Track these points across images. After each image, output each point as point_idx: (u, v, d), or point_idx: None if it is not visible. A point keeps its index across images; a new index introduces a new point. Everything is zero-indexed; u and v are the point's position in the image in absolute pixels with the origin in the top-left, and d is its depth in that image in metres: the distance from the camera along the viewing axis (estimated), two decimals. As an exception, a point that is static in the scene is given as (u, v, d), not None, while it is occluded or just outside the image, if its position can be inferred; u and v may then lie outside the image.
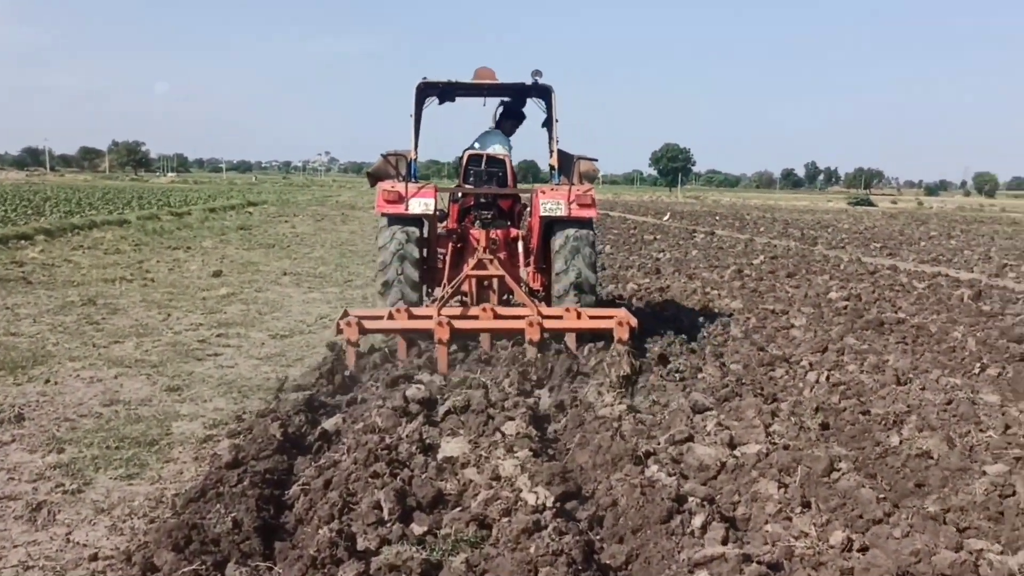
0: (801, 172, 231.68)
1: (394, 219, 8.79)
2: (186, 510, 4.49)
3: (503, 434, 5.68)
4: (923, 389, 7.11)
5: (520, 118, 10.24)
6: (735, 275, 15.64)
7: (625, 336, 7.72)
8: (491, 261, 8.50)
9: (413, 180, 9.04)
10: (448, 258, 9.17)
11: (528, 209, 9.65)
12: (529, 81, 9.15)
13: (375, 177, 9.27)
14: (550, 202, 8.73)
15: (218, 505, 4.45)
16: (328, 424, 6.07)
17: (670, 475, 4.87)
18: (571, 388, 7.10)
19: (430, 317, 7.72)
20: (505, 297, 9.10)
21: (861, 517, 4.51)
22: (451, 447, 5.53)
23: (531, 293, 8.99)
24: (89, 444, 5.63)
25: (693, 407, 6.41)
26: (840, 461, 5.25)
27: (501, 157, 9.69)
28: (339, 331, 7.61)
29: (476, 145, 9.92)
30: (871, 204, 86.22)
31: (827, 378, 7.48)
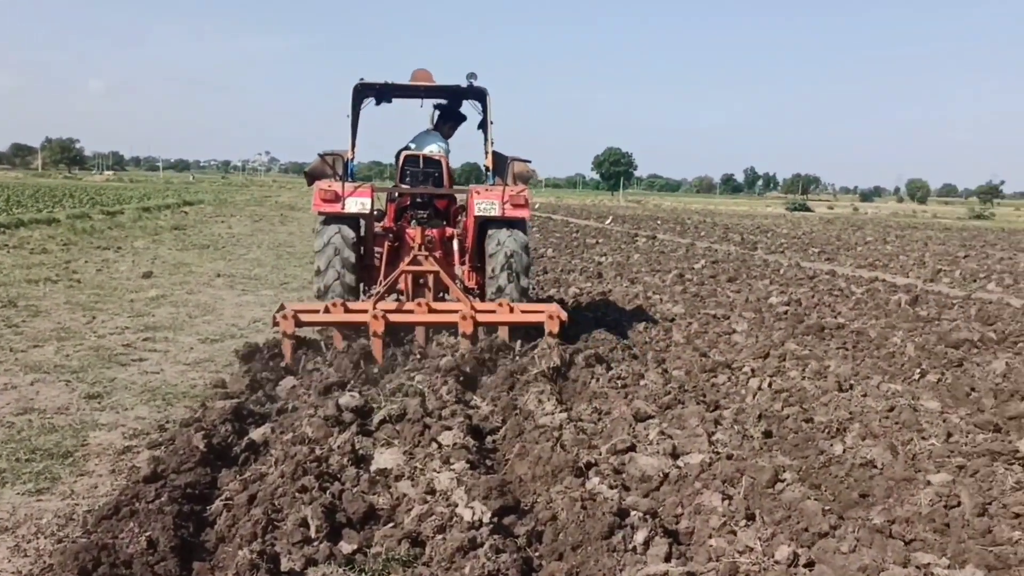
0: (740, 177, 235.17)
1: (331, 218, 8.87)
2: (97, 529, 4.19)
3: (440, 444, 5.45)
4: (864, 396, 7.07)
5: (459, 119, 10.35)
6: (677, 279, 15.62)
7: (555, 329, 8.00)
8: (426, 258, 8.70)
9: (350, 180, 9.11)
10: (385, 256, 9.33)
11: (464, 209, 9.75)
12: (464, 83, 9.27)
13: (312, 176, 9.29)
14: (484, 202, 8.89)
15: (132, 523, 4.16)
16: (256, 434, 5.78)
17: (612, 487, 4.70)
18: (510, 396, 6.90)
19: (366, 311, 7.90)
20: (441, 295, 9.18)
21: (807, 530, 4.38)
22: (385, 458, 5.29)
23: (467, 291, 9.03)
24: (-3, 457, 5.27)
25: (635, 415, 6.26)
26: (784, 471, 5.15)
27: (437, 158, 9.78)
28: (275, 324, 7.70)
29: (412, 146, 10.02)
30: (808, 209, 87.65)
31: (769, 384, 7.41)
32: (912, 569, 3.91)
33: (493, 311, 8.32)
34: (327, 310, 8.03)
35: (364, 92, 9.54)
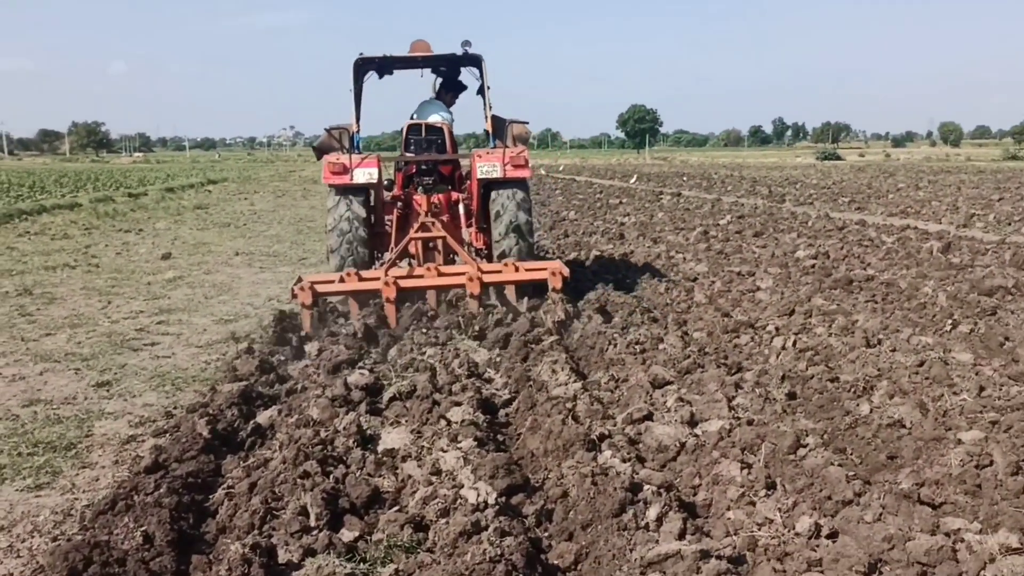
0: (769, 129, 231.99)
1: (341, 189, 9.07)
2: (94, 525, 4.07)
3: (448, 421, 5.29)
4: (894, 351, 6.79)
5: (459, 88, 10.49)
6: (701, 237, 15.30)
7: (558, 285, 8.39)
8: (433, 224, 9.04)
9: (357, 152, 9.33)
10: (394, 223, 9.55)
11: (468, 173, 9.97)
12: (460, 52, 9.47)
13: (320, 151, 9.65)
14: (486, 165, 9.09)
15: (127, 518, 4.03)
16: (262, 418, 5.65)
17: (625, 460, 4.50)
18: (524, 367, 6.71)
19: (378, 279, 8.20)
20: (451, 257, 9.46)
21: (830, 498, 4.17)
22: (392, 438, 5.14)
23: (477, 253, 9.50)
24: (-1, 451, 5.18)
25: (653, 382, 6.05)
26: (807, 435, 4.92)
27: (439, 126, 9.94)
28: (293, 296, 8.04)
29: (415, 115, 10.24)
30: (839, 158, 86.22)
31: (794, 343, 7.15)
32: (941, 536, 3.69)
33: (499, 271, 8.63)
34: (342, 280, 8.33)
35: (365, 66, 9.75)
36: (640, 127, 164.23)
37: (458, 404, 5.54)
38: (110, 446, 5.33)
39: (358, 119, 9.71)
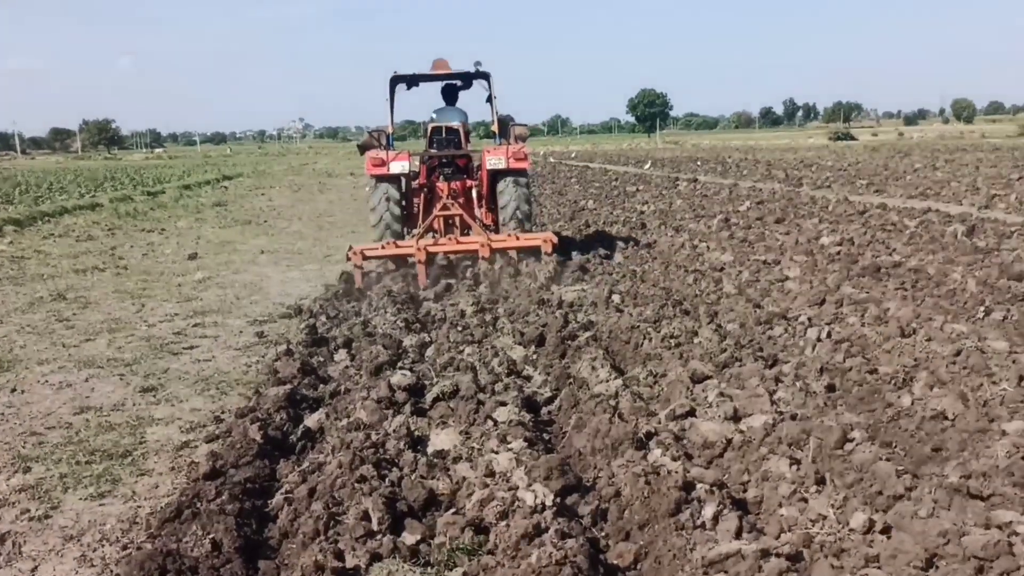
0: (779, 110, 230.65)
1: (380, 178, 11.61)
2: (161, 532, 4.18)
3: (495, 422, 5.38)
4: (929, 340, 6.83)
5: (461, 89, 13.05)
6: (722, 224, 15.32)
7: (549, 249, 10.74)
8: (453, 204, 11.77)
9: (392, 149, 11.80)
10: (421, 205, 12.22)
11: (479, 165, 12.27)
12: (473, 69, 12.16)
13: (363, 148, 12.20)
14: (494, 158, 11.60)
15: (195, 525, 4.14)
16: (311, 420, 5.75)
17: (674, 458, 4.57)
18: (563, 364, 6.80)
19: (411, 246, 10.81)
20: (466, 231, 11.87)
21: (881, 493, 4.24)
22: (441, 439, 5.24)
23: (485, 227, 11.92)
24: (57, 460, 5.29)
25: (692, 376, 6.13)
26: (852, 429, 4.98)
27: (456, 127, 12.52)
28: (348, 258, 10.69)
29: (434, 116, 12.77)
30: (852, 138, 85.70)
31: (828, 334, 7.19)
32: (995, 531, 3.75)
33: (504, 240, 11.06)
34: (383, 248, 10.85)
35: (397, 81, 12.25)
36: (650, 111, 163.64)
37: (503, 404, 5.63)
38: (165, 452, 5.44)
39: (392, 122, 12.24)
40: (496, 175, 11.75)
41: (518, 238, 11.04)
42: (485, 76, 12.28)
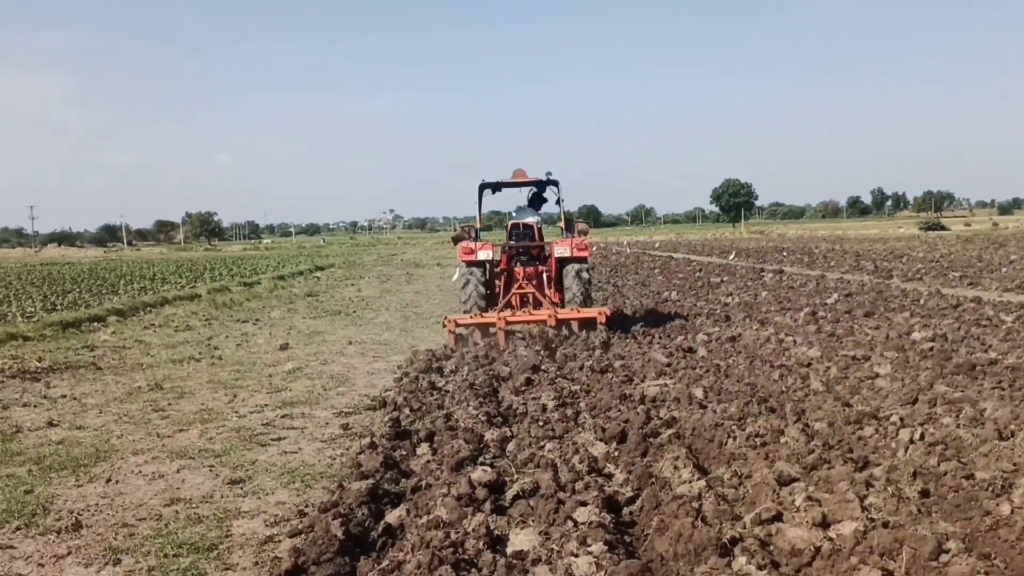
0: (868, 199, 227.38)
1: (469, 263, 14.66)
2: (244, 629, 4.24)
3: (575, 523, 5.33)
4: (1029, 444, 6.54)
5: (543, 201, 16.43)
6: (809, 318, 15.06)
7: (603, 320, 13.78)
8: (527, 284, 14.85)
9: (479, 240, 14.96)
10: (502, 285, 15.35)
11: (549, 254, 15.16)
12: (546, 177, 15.47)
13: (456, 239, 15.47)
14: (561, 248, 14.59)
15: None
16: (392, 517, 5.79)
17: (760, 567, 4.46)
18: (644, 462, 6.72)
19: (494, 317, 13.75)
20: (537, 307, 14.47)
21: (979, 610, 4.04)
22: (521, 539, 5.20)
23: (553, 303, 14.58)
24: (146, 553, 5.43)
25: (778, 478, 5.97)
26: (948, 539, 4.78)
27: (531, 224, 15.79)
28: (444, 326, 13.91)
29: (514, 214, 16.16)
30: (943, 228, 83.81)
31: (921, 436, 6.96)
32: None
33: (568, 312, 14.00)
34: (472, 317, 13.93)
35: (484, 187, 15.54)
36: (735, 201, 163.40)
37: (583, 504, 5.57)
38: (249, 547, 5.54)
39: (480, 219, 15.79)
40: (563, 262, 14.66)
41: (579, 311, 14.00)
42: (555, 183, 15.58)
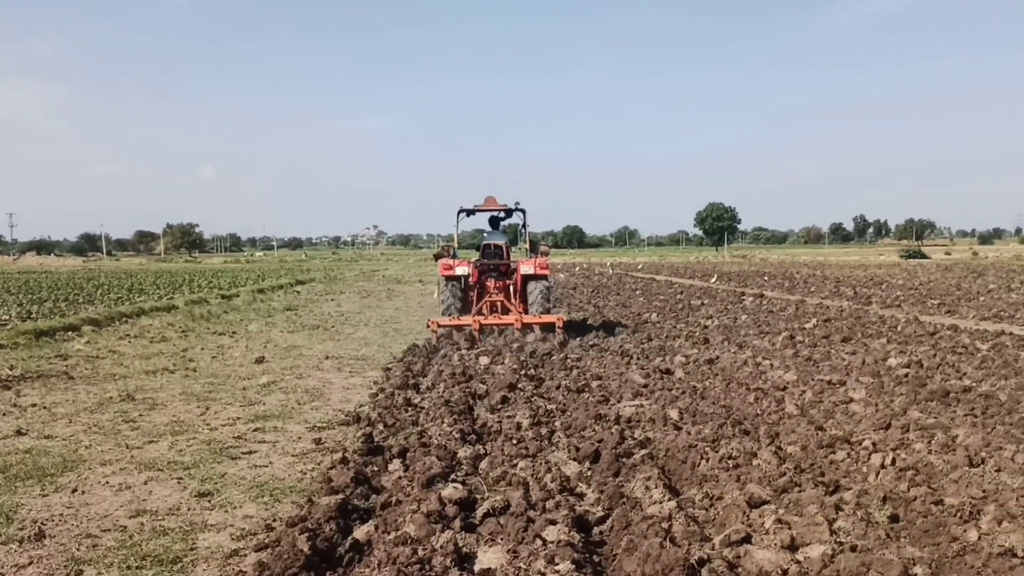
0: (850, 226, 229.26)
1: (448, 278, 17.43)
2: (203, 643, 4.17)
3: (544, 541, 5.29)
4: (998, 471, 6.57)
5: (503, 219, 19.21)
6: (787, 342, 15.12)
7: (561, 325, 16.53)
8: (496, 295, 17.71)
9: (456, 258, 17.68)
10: (475, 295, 18.14)
11: (515, 271, 18.08)
12: (514, 206, 18.60)
13: (437, 256, 18.17)
14: (526, 267, 17.51)
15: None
16: (360, 533, 5.74)
17: (726, 588, 4.44)
18: (616, 482, 6.70)
19: (469, 320, 16.64)
20: (505, 312, 17.46)
21: (943, 636, 4.03)
22: (489, 557, 5.16)
23: (518, 311, 17.33)
24: (109, 564, 5.34)
25: (749, 500, 5.97)
26: (915, 564, 4.79)
27: (500, 244, 18.60)
28: (428, 326, 16.76)
29: (485, 236, 18.97)
30: (924, 256, 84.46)
31: (893, 461, 6.98)
32: None
33: (531, 318, 16.79)
34: (451, 320, 16.80)
35: (461, 212, 18.58)
36: (718, 224, 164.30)
37: (553, 523, 5.55)
38: (214, 560, 5.46)
39: (456, 239, 19.02)
40: (527, 278, 17.64)
41: (540, 317, 16.86)
42: (522, 211, 18.74)
